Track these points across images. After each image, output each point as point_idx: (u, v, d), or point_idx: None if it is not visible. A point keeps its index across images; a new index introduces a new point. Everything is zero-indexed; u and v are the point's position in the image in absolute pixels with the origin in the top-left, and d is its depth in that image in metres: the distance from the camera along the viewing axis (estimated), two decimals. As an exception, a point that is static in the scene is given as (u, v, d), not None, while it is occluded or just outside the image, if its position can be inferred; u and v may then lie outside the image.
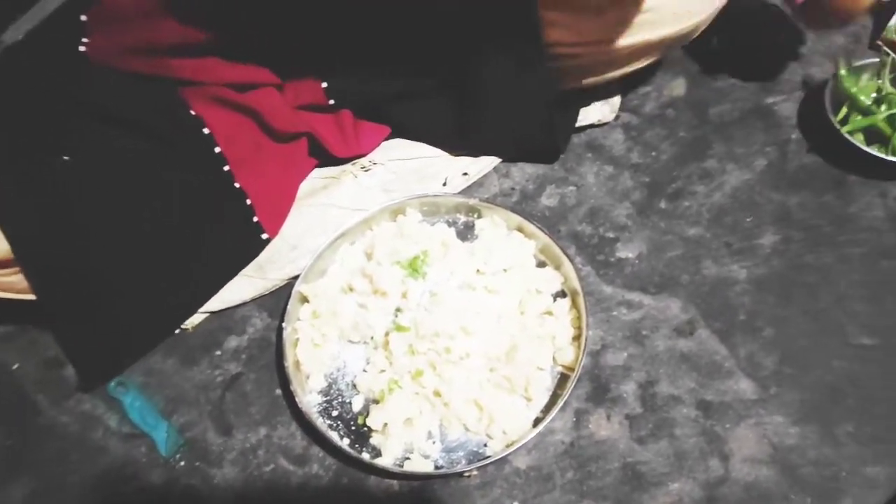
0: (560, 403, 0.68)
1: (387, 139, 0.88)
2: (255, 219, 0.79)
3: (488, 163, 0.87)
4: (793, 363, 0.72)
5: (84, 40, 0.72)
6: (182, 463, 0.72)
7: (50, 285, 0.68)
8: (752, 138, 0.87)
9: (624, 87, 0.90)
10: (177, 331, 0.79)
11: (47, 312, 0.71)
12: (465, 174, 0.86)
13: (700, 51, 0.95)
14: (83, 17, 0.71)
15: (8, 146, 0.67)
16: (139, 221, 0.70)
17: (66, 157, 0.68)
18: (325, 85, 0.81)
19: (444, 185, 0.86)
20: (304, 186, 0.85)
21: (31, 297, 0.73)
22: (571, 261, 0.75)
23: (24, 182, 0.66)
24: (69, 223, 0.67)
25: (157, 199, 0.72)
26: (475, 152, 0.87)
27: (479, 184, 0.87)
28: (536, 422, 0.69)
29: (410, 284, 0.75)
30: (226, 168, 0.76)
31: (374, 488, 0.69)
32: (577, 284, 0.74)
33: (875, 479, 0.64)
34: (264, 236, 0.80)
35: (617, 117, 0.90)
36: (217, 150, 0.75)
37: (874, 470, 0.65)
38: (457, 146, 0.87)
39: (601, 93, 0.88)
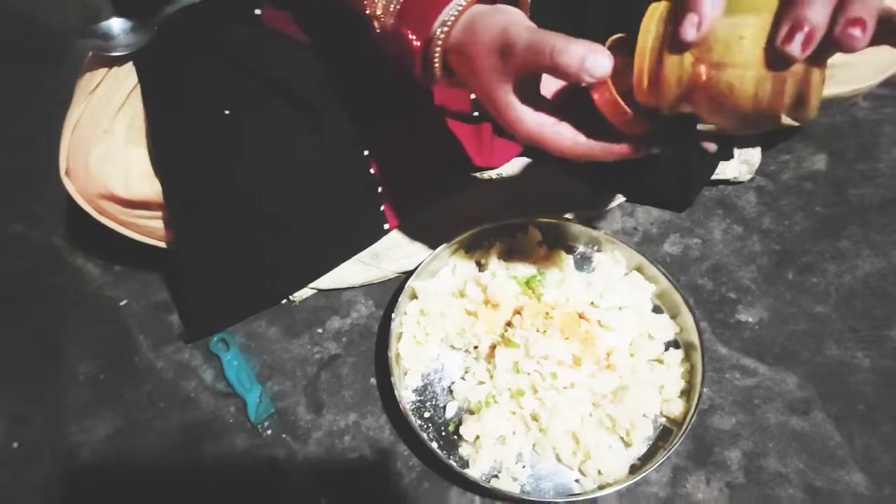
0: (663, 456, 0.65)
1: (518, 156, 0.87)
2: (381, 208, 0.79)
3: (614, 198, 0.86)
4: (912, 467, 0.68)
5: (258, 12, 0.74)
6: (269, 431, 0.71)
7: (187, 234, 0.70)
8: (891, 227, 0.84)
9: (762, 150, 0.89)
10: (284, 301, 0.79)
11: (175, 259, 0.72)
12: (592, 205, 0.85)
13: (844, 130, 0.93)
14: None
15: (174, 96, 0.69)
16: (282, 184, 0.71)
17: (227, 112, 0.69)
18: (473, 96, 0.81)
19: (569, 211, 0.85)
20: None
21: (162, 244, 0.75)
22: (692, 312, 0.73)
23: (184, 130, 0.68)
24: (220, 175, 0.69)
25: (300, 166, 0.72)
26: (603, 186, 0.86)
27: (601, 217, 0.86)
28: (632, 469, 0.67)
29: (525, 302, 0.74)
30: (365, 153, 0.77)
31: (455, 498, 0.67)
32: (695, 338, 0.72)
33: None
34: (386, 226, 0.80)
35: (752, 178, 0.88)
36: (361, 132, 0.76)
37: None
38: (585, 177, 0.86)
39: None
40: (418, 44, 0.53)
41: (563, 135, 0.49)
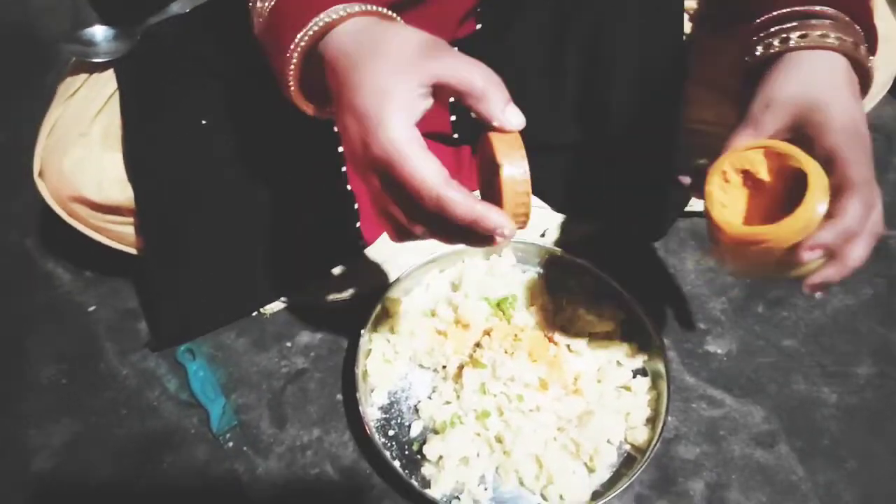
0: (626, 483, 0.65)
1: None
2: (358, 224, 0.79)
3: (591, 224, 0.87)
4: (874, 504, 0.68)
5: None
6: (230, 444, 0.71)
7: (158, 241, 0.70)
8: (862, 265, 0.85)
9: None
10: (255, 313, 0.79)
11: (145, 266, 0.72)
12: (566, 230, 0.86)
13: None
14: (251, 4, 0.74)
15: (152, 104, 0.69)
16: (256, 196, 0.71)
17: (203, 122, 0.70)
18: (453, 118, 0.82)
19: (543, 235, 0.85)
20: (407, 205, 0.86)
21: (132, 250, 0.74)
22: (661, 342, 0.73)
23: (159, 138, 0.68)
24: (194, 184, 0.69)
25: (277, 179, 0.73)
26: (580, 213, 0.87)
27: (576, 243, 0.87)
28: (594, 495, 0.67)
29: (495, 323, 0.74)
30: (343, 168, 0.77)
31: (415, 520, 0.67)
32: (662, 367, 0.72)
33: None
34: (361, 243, 0.80)
35: (726, 212, 0.89)
36: (339, 149, 0.76)
37: None
38: (563, 203, 0.87)
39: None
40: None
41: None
